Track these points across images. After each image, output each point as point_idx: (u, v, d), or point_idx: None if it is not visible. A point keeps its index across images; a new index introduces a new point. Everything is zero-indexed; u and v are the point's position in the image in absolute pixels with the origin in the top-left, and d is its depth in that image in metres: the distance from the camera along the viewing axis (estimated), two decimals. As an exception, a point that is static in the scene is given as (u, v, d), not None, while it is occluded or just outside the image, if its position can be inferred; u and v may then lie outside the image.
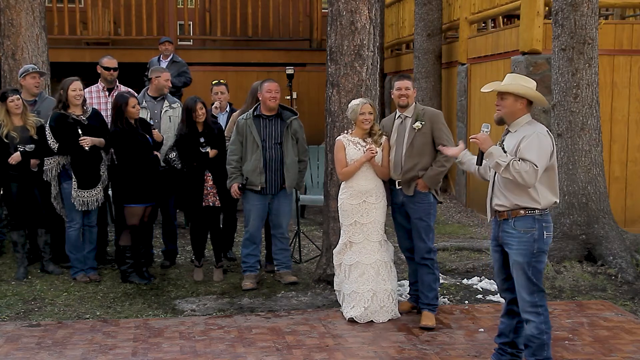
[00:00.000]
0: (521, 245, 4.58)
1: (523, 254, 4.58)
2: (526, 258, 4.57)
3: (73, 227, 7.03)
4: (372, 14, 6.67)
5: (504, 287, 4.87)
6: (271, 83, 6.78)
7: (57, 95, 6.96)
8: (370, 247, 5.91)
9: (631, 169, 9.19)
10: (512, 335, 4.86)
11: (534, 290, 4.59)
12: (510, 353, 4.88)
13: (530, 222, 4.57)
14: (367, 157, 5.83)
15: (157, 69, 7.91)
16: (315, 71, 12.97)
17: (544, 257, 4.65)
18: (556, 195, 4.65)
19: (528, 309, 4.60)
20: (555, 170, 4.66)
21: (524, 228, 4.57)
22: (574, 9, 7.45)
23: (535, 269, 4.59)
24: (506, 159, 4.49)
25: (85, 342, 5.44)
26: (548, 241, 4.64)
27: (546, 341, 4.60)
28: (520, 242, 4.58)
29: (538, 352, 4.61)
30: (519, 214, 4.58)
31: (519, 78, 4.71)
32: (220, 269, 7.20)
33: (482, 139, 4.58)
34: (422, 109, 5.93)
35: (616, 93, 9.08)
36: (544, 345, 4.60)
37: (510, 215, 4.61)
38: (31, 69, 7.48)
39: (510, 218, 4.61)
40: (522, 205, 4.57)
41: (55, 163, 7.01)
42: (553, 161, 4.60)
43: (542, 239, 4.59)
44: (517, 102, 4.63)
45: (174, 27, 13.89)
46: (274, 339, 5.49)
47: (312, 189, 9.87)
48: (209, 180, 6.96)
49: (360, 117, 5.85)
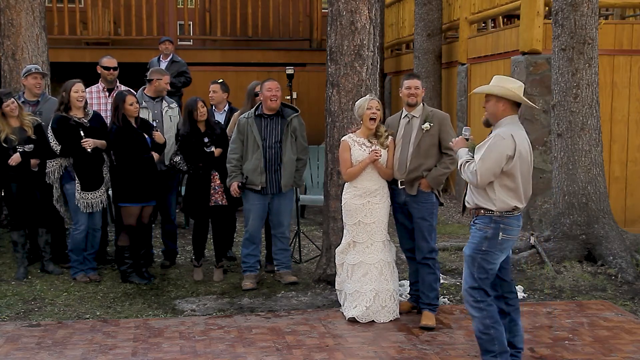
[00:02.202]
0: (473, 239, 4.69)
1: (471, 247, 4.67)
2: (472, 252, 4.65)
3: (78, 229, 7.01)
4: (372, 14, 6.67)
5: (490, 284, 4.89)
6: (271, 82, 6.78)
7: (59, 97, 6.96)
8: (373, 247, 5.91)
9: (631, 169, 9.19)
10: (508, 335, 4.84)
11: (475, 287, 4.65)
12: (512, 354, 4.87)
13: (487, 221, 4.64)
14: (371, 159, 5.83)
15: (157, 70, 7.90)
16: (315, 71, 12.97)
17: (495, 258, 4.64)
18: (519, 200, 4.61)
19: (471, 303, 4.67)
20: (517, 175, 4.56)
21: (479, 225, 4.66)
22: (574, 9, 7.45)
23: (481, 266, 4.63)
24: (462, 160, 4.69)
25: (85, 342, 5.44)
26: (504, 243, 4.63)
27: (495, 335, 4.61)
28: (473, 237, 4.69)
29: (489, 345, 4.63)
30: (480, 213, 4.68)
31: (504, 80, 4.70)
32: (220, 269, 7.20)
33: (455, 142, 4.91)
34: (431, 111, 5.94)
35: (616, 93, 9.09)
36: (494, 339, 4.62)
37: (474, 213, 4.73)
38: (33, 69, 7.48)
39: (474, 215, 4.73)
40: (481, 205, 4.66)
41: (57, 165, 7.02)
42: (512, 166, 4.53)
43: (496, 240, 4.60)
44: (499, 104, 4.63)
45: (174, 27, 13.89)
46: (274, 339, 5.49)
47: (312, 189, 9.86)
48: (216, 179, 6.96)
49: (368, 112, 5.84)
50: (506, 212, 4.61)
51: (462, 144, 4.83)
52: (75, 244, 7.04)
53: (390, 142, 5.92)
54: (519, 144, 4.55)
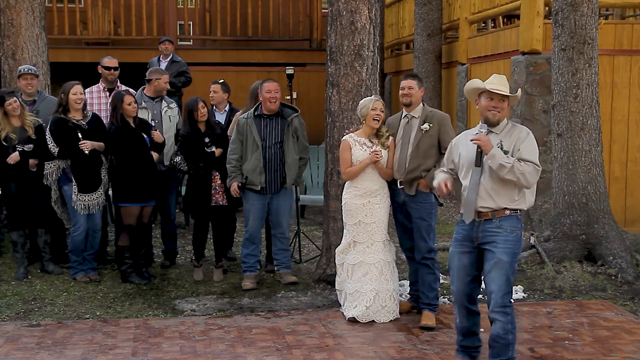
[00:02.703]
0: (506, 243, 4.57)
1: (507, 251, 4.57)
2: (512, 257, 4.59)
3: (77, 230, 7.00)
4: (372, 14, 6.67)
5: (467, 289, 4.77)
6: (271, 83, 6.78)
7: (58, 99, 6.96)
8: (374, 247, 5.91)
9: (631, 169, 9.19)
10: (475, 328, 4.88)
11: (507, 292, 4.56)
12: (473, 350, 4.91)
13: (514, 222, 4.60)
14: (371, 160, 5.83)
15: (156, 70, 7.90)
16: (315, 71, 12.97)
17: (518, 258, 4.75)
18: (534, 195, 4.68)
19: (497, 309, 4.54)
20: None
21: (510, 227, 4.58)
22: (574, 9, 7.45)
23: (514, 270, 4.63)
24: (510, 160, 4.49)
25: (85, 342, 5.44)
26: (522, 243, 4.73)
27: (511, 341, 4.57)
28: (507, 241, 4.57)
29: (503, 352, 4.57)
30: (504, 214, 4.58)
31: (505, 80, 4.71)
32: (220, 269, 7.20)
33: (485, 140, 4.54)
34: (431, 111, 5.94)
35: (616, 93, 9.08)
36: (508, 345, 4.57)
37: (495, 215, 4.59)
38: (24, 70, 7.47)
39: (495, 218, 4.59)
40: (508, 206, 4.58)
41: (55, 167, 7.01)
42: None
43: (521, 241, 4.66)
44: (504, 103, 4.69)
45: (174, 27, 13.89)
46: (274, 339, 5.49)
47: (312, 189, 9.86)
48: (217, 179, 6.96)
49: (372, 113, 5.84)
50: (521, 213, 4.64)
51: (491, 142, 4.56)
52: (75, 245, 7.04)
53: (391, 143, 5.92)
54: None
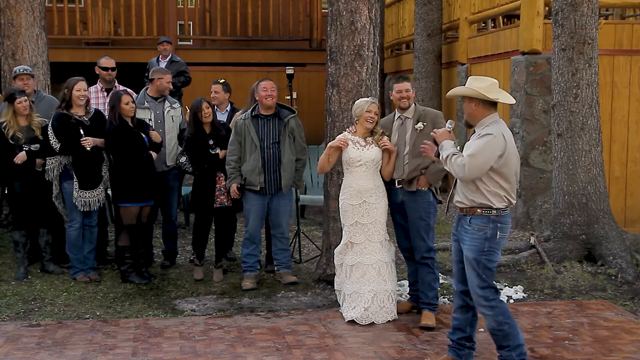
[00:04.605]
0: (473, 242, 4.64)
1: (473, 250, 4.64)
2: (475, 254, 4.63)
3: (73, 226, 7.02)
4: (372, 14, 6.67)
5: (460, 277, 4.87)
6: (267, 82, 6.79)
7: (61, 94, 6.95)
8: (371, 247, 5.90)
9: (631, 169, 9.19)
10: (468, 329, 4.91)
11: (484, 286, 4.65)
12: (469, 347, 4.93)
13: (485, 221, 4.62)
14: (334, 145, 5.88)
15: (159, 70, 7.88)
16: (315, 71, 12.99)
17: (495, 256, 4.69)
18: (512, 197, 4.67)
19: (482, 303, 4.66)
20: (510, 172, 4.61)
21: (478, 225, 4.64)
22: (574, 9, 7.45)
23: (485, 266, 4.64)
24: (448, 152, 4.65)
25: (85, 342, 5.44)
26: (501, 242, 4.69)
27: (508, 330, 4.62)
28: (473, 239, 4.64)
29: (504, 341, 4.65)
30: (476, 212, 4.65)
31: (474, 80, 4.72)
32: (220, 269, 7.20)
33: (439, 133, 4.83)
34: (423, 110, 5.95)
35: (616, 93, 9.08)
36: (508, 335, 4.63)
37: (468, 212, 4.68)
38: (19, 71, 7.46)
39: (468, 215, 4.69)
40: (478, 203, 4.64)
41: (57, 163, 7.01)
42: (503, 164, 4.57)
43: (495, 239, 4.64)
44: (472, 104, 4.66)
45: (174, 27, 13.90)
46: (274, 339, 5.49)
47: (312, 189, 9.86)
48: (222, 181, 6.96)
49: (366, 115, 5.85)
50: (502, 210, 4.63)
51: (446, 135, 4.81)
52: (71, 241, 7.04)
53: (391, 145, 5.90)
54: (509, 142, 4.61)
